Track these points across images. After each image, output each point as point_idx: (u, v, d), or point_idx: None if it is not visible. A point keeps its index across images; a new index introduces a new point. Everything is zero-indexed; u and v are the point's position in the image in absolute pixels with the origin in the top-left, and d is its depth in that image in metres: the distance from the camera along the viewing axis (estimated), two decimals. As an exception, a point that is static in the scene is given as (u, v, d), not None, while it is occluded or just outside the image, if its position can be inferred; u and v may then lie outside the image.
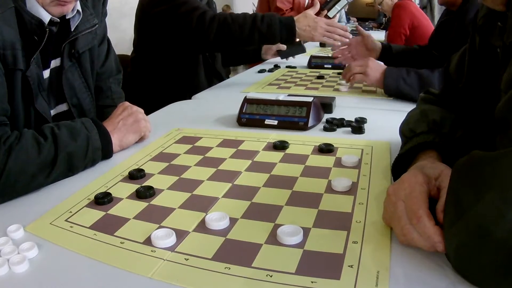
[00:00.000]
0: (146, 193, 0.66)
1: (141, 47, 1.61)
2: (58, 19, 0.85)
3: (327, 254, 0.50)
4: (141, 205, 0.64)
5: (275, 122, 1.00)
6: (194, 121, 1.09)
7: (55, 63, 0.91)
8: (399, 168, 0.64)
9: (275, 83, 1.55)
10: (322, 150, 0.83)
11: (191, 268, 0.49)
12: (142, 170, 0.75)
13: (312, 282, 0.45)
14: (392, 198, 0.52)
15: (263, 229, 0.56)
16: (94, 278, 0.48)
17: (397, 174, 0.59)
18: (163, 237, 0.53)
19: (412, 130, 0.67)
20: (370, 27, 5.21)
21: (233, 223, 0.58)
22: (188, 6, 1.41)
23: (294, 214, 0.60)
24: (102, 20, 1.04)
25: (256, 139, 0.92)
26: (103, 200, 0.64)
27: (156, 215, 0.61)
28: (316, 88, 1.44)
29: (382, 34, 3.71)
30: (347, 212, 0.59)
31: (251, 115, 1.02)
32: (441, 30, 1.53)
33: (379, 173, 0.72)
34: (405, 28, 2.98)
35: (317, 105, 1.03)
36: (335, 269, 0.47)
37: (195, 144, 0.91)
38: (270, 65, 1.93)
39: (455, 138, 0.63)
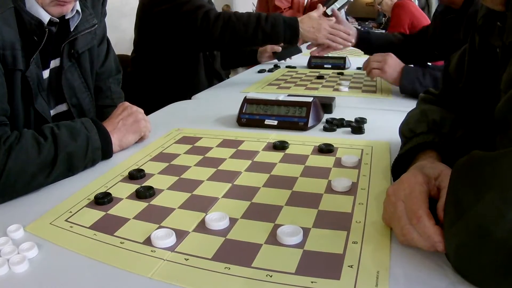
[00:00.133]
0: (146, 193, 0.66)
1: (142, 47, 1.61)
2: (58, 19, 0.85)
3: (327, 254, 0.50)
4: (141, 205, 0.64)
5: (275, 122, 1.00)
6: (194, 121, 1.09)
7: (55, 63, 0.91)
8: (399, 168, 0.64)
9: (275, 83, 1.55)
10: (322, 150, 0.83)
11: (191, 268, 0.49)
12: (142, 170, 0.75)
13: (312, 282, 0.45)
14: (392, 198, 0.52)
15: (263, 229, 0.56)
16: (94, 278, 0.48)
17: (397, 174, 0.59)
18: (163, 237, 0.53)
19: (412, 130, 0.67)
20: (370, 27, 5.20)
21: (233, 223, 0.58)
22: (192, 5, 1.41)
23: (294, 214, 0.60)
24: (102, 20, 1.04)
25: (256, 139, 0.92)
26: (103, 200, 0.64)
27: (156, 215, 0.61)
28: (316, 88, 1.44)
29: (382, 34, 3.70)
30: (347, 212, 0.59)
31: (251, 115, 1.02)
32: (446, 29, 1.45)
33: (379, 173, 0.72)
34: (405, 28, 2.99)
35: (317, 105, 1.03)
36: (335, 269, 0.47)
37: (195, 144, 0.91)
38: (270, 65, 1.93)
39: (455, 138, 0.63)
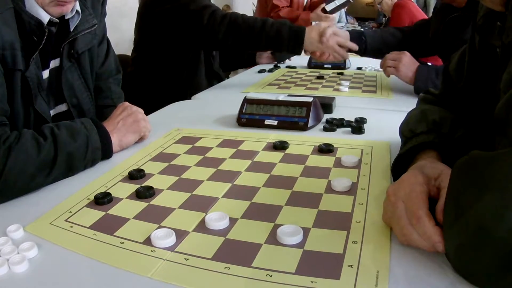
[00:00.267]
0: (146, 193, 0.66)
1: (142, 47, 1.61)
2: (57, 20, 0.85)
3: (327, 254, 0.50)
4: (141, 205, 0.64)
5: (275, 122, 1.00)
6: (194, 121, 1.09)
7: (55, 64, 0.91)
8: (399, 168, 0.64)
9: (275, 83, 1.55)
10: (322, 150, 0.83)
11: (191, 268, 0.49)
12: (142, 170, 0.75)
13: (312, 282, 0.45)
14: (392, 199, 0.52)
15: (263, 229, 0.56)
16: (94, 278, 0.48)
17: (397, 174, 0.59)
18: (163, 237, 0.53)
19: (412, 130, 0.67)
20: (370, 27, 5.20)
21: (233, 223, 0.58)
22: (199, 4, 1.41)
23: (294, 214, 0.60)
24: (102, 20, 1.04)
25: (256, 139, 0.92)
26: (103, 200, 0.64)
27: (156, 215, 0.61)
28: (316, 88, 1.44)
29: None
30: (347, 212, 0.59)
31: (251, 115, 1.02)
32: (450, 28, 1.38)
33: (379, 173, 0.72)
34: (405, 28, 2.98)
35: (317, 105, 1.03)
36: (335, 269, 0.47)
37: (195, 144, 0.91)
38: (270, 65, 1.93)
39: (455, 138, 0.63)
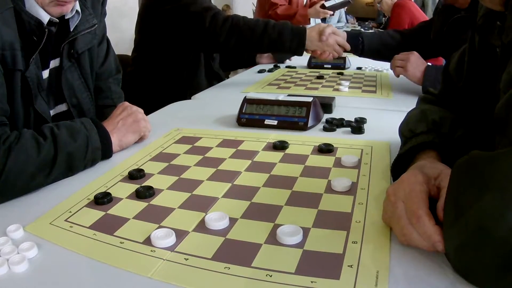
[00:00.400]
0: (146, 193, 0.66)
1: (143, 47, 1.61)
2: (57, 19, 0.85)
3: (327, 254, 0.50)
4: (141, 205, 0.64)
5: (275, 122, 1.00)
6: (194, 121, 1.09)
7: (54, 63, 0.91)
8: (399, 168, 0.64)
9: (275, 83, 1.55)
10: (322, 150, 0.83)
11: (191, 268, 0.49)
12: (142, 170, 0.75)
13: (312, 282, 0.45)
14: (392, 198, 0.52)
15: (263, 229, 0.56)
16: (94, 278, 0.48)
17: (397, 174, 0.59)
18: (163, 237, 0.53)
19: (412, 130, 0.67)
20: (370, 27, 5.20)
21: (233, 223, 0.58)
22: (199, 6, 1.40)
23: (294, 214, 0.60)
24: (101, 20, 1.04)
25: (256, 139, 0.92)
26: (103, 200, 0.64)
27: (156, 215, 0.61)
28: (316, 88, 1.44)
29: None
30: (347, 212, 0.59)
31: (251, 115, 1.02)
32: (453, 29, 1.37)
33: (379, 173, 0.72)
34: (405, 28, 2.99)
35: (317, 105, 1.03)
36: (335, 269, 0.47)
37: (195, 144, 0.91)
38: (270, 65, 1.93)
39: (455, 138, 0.63)
